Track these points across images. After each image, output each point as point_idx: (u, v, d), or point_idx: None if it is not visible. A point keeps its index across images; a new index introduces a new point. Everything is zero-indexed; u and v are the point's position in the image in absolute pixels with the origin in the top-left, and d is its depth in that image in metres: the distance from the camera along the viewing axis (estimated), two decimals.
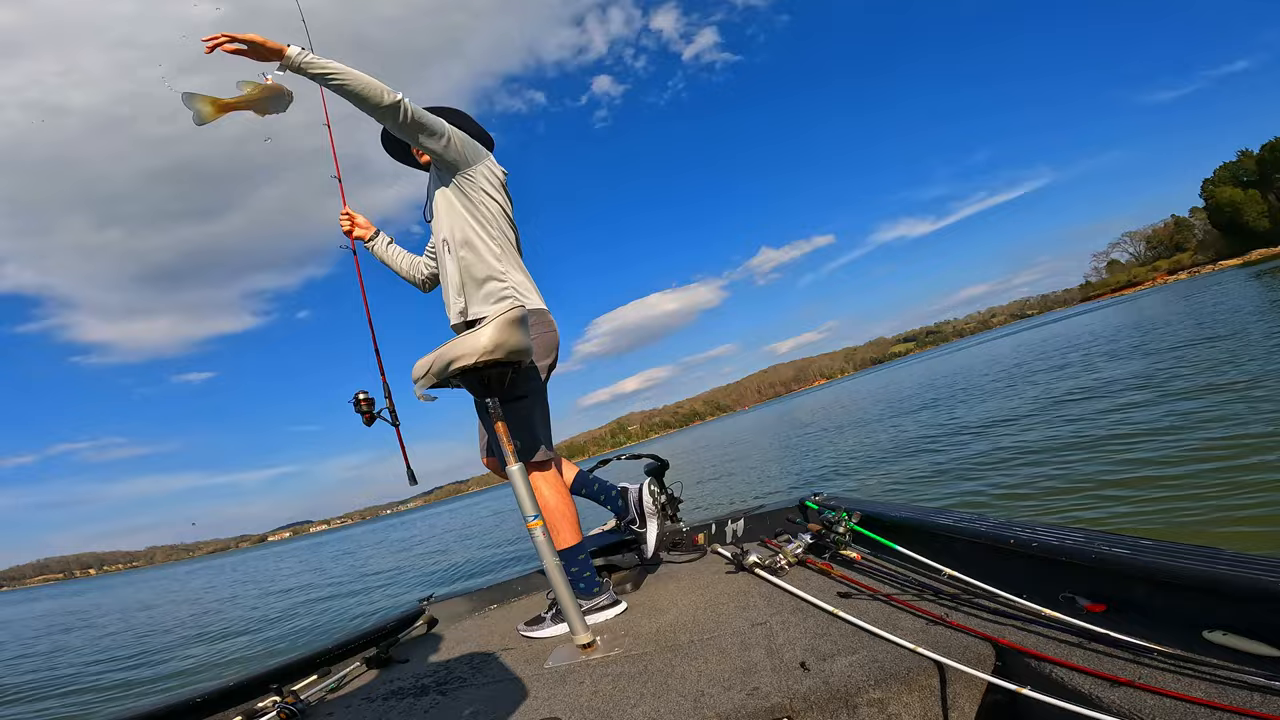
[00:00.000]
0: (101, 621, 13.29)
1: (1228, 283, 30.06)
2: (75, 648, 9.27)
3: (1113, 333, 16.82)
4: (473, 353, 1.62)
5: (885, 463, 7.45)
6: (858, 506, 1.96)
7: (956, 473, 5.84)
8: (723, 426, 74.01)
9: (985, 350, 33.76)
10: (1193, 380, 6.69)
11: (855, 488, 6.71)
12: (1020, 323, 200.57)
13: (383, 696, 1.69)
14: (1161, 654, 0.93)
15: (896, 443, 8.80)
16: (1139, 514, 3.47)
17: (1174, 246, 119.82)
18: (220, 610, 11.52)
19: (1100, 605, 1.14)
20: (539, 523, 1.66)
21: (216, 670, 6.01)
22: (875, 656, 1.17)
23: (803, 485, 7.90)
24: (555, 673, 1.55)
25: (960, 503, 4.81)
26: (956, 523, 1.54)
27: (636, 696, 1.28)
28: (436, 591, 2.68)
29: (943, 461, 6.52)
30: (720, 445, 23.64)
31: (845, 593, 1.55)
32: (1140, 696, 0.85)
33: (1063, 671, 0.96)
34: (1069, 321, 39.66)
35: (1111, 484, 4.08)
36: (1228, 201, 74.23)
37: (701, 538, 2.41)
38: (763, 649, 1.35)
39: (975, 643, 1.13)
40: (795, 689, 1.12)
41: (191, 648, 7.49)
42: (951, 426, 8.62)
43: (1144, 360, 9.38)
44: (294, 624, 7.94)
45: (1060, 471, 4.76)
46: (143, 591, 25.79)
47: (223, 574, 27.44)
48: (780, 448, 14.21)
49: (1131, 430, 5.28)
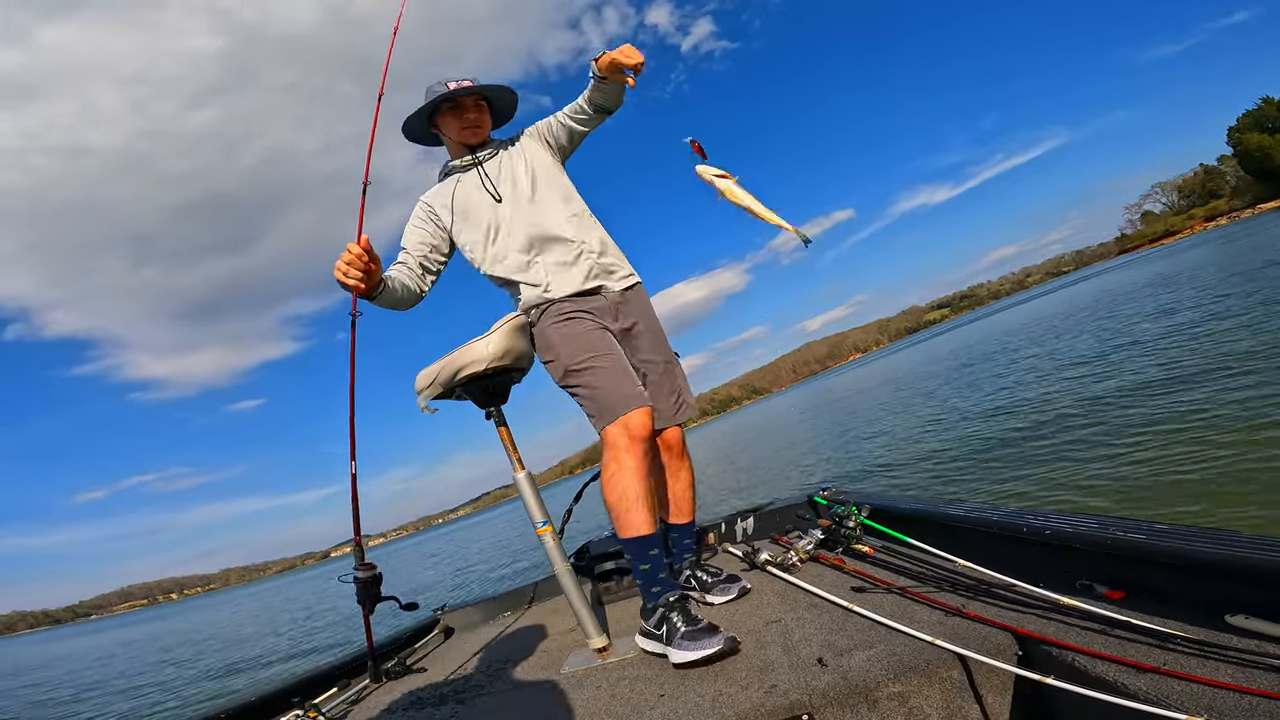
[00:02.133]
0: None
1: (1272, 225, 29.30)
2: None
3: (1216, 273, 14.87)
4: (482, 359, 1.62)
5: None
6: (867, 500, 1.95)
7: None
8: (759, 410, 71.32)
9: (1046, 307, 30.17)
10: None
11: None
12: (1058, 280, 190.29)
13: (402, 708, 1.69)
14: (1184, 639, 0.92)
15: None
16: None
17: (1208, 194, 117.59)
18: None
19: (1119, 592, 1.12)
20: (548, 529, 1.65)
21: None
22: (894, 650, 1.16)
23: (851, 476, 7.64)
24: (572, 677, 1.54)
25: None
26: (968, 513, 1.53)
27: (655, 698, 1.27)
28: (449, 601, 2.68)
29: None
30: (754, 433, 22.59)
31: (859, 587, 1.54)
32: (1166, 682, 0.84)
33: (1086, 660, 0.95)
34: (1120, 274, 35.65)
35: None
36: (1257, 147, 73.59)
37: (712, 537, 2.40)
38: (779, 646, 1.34)
39: (995, 633, 1.12)
40: (814, 685, 1.12)
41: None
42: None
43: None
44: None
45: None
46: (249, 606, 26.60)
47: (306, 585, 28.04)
48: (829, 431, 13.55)
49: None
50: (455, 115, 1.80)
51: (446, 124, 1.82)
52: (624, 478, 1.55)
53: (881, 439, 9.41)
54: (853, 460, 8.71)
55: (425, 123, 1.85)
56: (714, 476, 12.54)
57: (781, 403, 59.03)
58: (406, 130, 1.87)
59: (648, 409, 1.61)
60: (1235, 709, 0.76)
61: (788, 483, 9.21)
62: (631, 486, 1.54)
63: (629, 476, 1.55)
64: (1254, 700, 0.77)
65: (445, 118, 1.81)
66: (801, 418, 20.38)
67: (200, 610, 39.00)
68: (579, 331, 1.68)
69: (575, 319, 1.70)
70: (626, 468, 1.55)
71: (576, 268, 1.75)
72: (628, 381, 1.63)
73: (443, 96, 1.76)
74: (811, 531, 1.95)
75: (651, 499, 1.58)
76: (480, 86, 1.79)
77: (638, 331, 1.83)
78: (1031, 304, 46.33)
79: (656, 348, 1.86)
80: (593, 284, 1.76)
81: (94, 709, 7.95)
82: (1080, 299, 24.19)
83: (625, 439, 1.56)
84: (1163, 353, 7.31)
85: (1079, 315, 16.33)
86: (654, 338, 1.87)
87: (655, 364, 1.84)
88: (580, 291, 1.74)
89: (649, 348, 1.85)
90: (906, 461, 7.21)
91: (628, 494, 1.54)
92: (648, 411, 1.60)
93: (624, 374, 1.64)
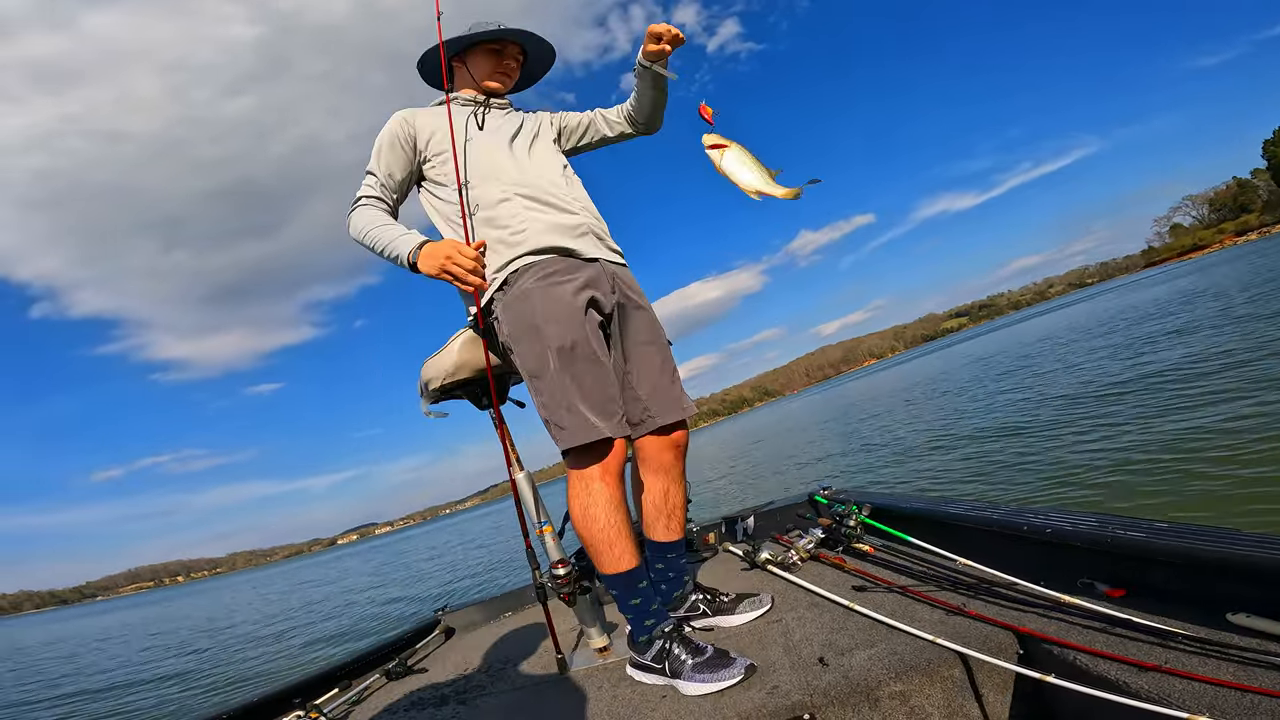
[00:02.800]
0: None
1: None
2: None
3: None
4: (439, 375, 1.63)
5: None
6: (867, 499, 1.95)
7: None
8: (770, 412, 69.70)
9: (1062, 320, 29.32)
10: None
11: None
12: (1080, 292, 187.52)
13: (404, 708, 1.69)
14: (1186, 638, 0.92)
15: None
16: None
17: (1238, 208, 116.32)
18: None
19: (1120, 590, 1.13)
20: (549, 529, 1.65)
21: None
22: (894, 649, 1.16)
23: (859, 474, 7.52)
24: (574, 678, 1.54)
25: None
26: (968, 511, 1.53)
27: (656, 698, 1.27)
28: (451, 601, 2.69)
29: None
30: (766, 434, 22.04)
31: (860, 586, 1.54)
32: (1168, 681, 0.84)
33: (1087, 658, 0.95)
34: (1141, 289, 34.10)
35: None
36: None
37: (712, 536, 2.40)
38: (780, 646, 1.34)
39: (996, 632, 1.12)
40: (815, 685, 1.11)
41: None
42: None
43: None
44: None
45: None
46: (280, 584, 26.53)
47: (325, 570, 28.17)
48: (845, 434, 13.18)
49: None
50: (494, 57, 1.68)
51: (477, 63, 1.68)
52: (598, 509, 1.37)
53: (890, 446, 9.22)
54: (863, 459, 8.62)
55: (449, 57, 1.69)
56: (723, 475, 12.47)
57: (793, 406, 58.06)
58: (426, 59, 1.68)
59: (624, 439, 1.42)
60: (1237, 707, 0.76)
61: (796, 480, 9.13)
62: (611, 519, 1.37)
63: (605, 507, 1.37)
64: (1256, 698, 0.77)
65: (479, 56, 1.69)
66: (814, 423, 19.95)
67: (208, 594, 38.88)
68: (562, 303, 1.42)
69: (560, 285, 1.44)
70: (601, 498, 1.37)
71: (567, 226, 1.53)
72: (609, 391, 1.41)
73: (493, 33, 1.65)
74: (812, 530, 1.95)
75: (632, 526, 1.42)
76: (528, 35, 1.68)
77: (633, 311, 1.56)
78: (1053, 315, 45.06)
79: (655, 327, 1.61)
80: (584, 246, 1.52)
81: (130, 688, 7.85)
82: (1100, 312, 23.66)
83: (599, 467, 1.38)
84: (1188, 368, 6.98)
85: (1095, 330, 15.88)
86: (651, 316, 1.61)
87: (655, 345, 1.58)
88: (566, 249, 1.49)
89: (649, 327, 1.58)
90: (922, 457, 7.09)
91: (609, 528, 1.37)
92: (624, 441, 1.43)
93: (609, 381, 1.42)
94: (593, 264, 1.51)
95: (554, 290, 1.41)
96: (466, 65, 1.70)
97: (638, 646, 1.40)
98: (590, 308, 1.44)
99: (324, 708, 1.78)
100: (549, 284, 1.42)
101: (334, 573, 24.87)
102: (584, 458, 1.38)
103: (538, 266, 1.44)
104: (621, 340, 1.54)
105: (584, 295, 1.43)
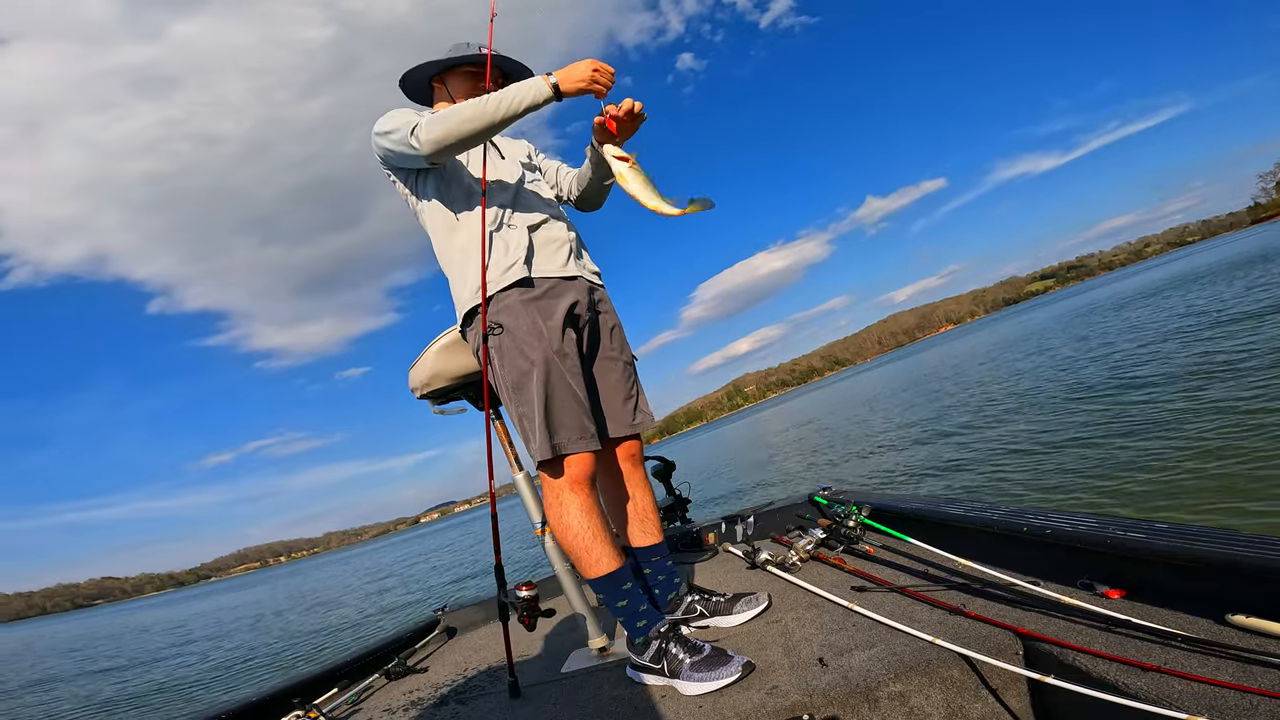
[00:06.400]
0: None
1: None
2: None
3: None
4: (418, 385, 1.68)
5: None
6: (867, 500, 1.95)
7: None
8: (845, 383, 62.46)
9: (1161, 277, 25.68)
10: None
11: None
12: (1180, 250, 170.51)
13: (403, 708, 1.69)
14: (1185, 638, 0.92)
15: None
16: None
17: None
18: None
19: (1119, 591, 1.12)
20: (548, 529, 1.65)
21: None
22: (894, 650, 1.16)
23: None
24: (573, 678, 1.54)
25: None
26: (968, 512, 1.53)
27: (656, 699, 1.27)
28: (449, 602, 2.68)
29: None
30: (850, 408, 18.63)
31: (860, 586, 1.54)
32: (1168, 681, 0.84)
33: (1087, 659, 0.95)
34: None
35: None
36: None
37: (712, 537, 2.40)
38: (779, 646, 1.34)
39: (996, 632, 1.12)
40: (814, 685, 1.11)
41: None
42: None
43: None
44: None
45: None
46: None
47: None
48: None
49: None
50: (472, 79, 1.71)
51: (457, 84, 1.72)
52: (570, 517, 1.44)
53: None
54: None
55: (429, 78, 1.73)
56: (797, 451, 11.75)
57: (867, 377, 51.48)
58: (408, 79, 1.72)
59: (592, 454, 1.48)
60: (1237, 708, 0.76)
61: (853, 470, 8.05)
62: (584, 524, 1.43)
63: (577, 514, 1.44)
64: (1255, 699, 0.76)
65: (458, 78, 1.72)
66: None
67: (318, 568, 38.59)
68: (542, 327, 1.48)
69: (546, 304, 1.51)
70: (572, 506, 1.44)
71: (554, 243, 1.59)
72: (582, 406, 1.47)
73: (471, 57, 1.67)
74: (812, 531, 1.95)
75: (609, 530, 1.48)
76: (505, 59, 1.69)
77: (605, 323, 1.65)
78: (1150, 272, 40.42)
79: (622, 345, 1.69)
80: (568, 264, 1.58)
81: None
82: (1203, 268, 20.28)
83: (568, 478, 1.44)
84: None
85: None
86: (620, 333, 1.70)
87: (617, 363, 1.66)
88: (550, 268, 1.55)
89: (616, 343, 1.67)
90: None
91: (583, 534, 1.43)
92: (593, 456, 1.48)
93: (580, 397, 1.48)
94: (574, 281, 1.58)
95: (538, 307, 1.49)
96: (446, 85, 1.75)
97: (636, 647, 1.43)
98: (568, 326, 1.52)
99: (323, 708, 1.78)
100: (533, 301, 1.50)
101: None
102: (555, 469, 1.45)
103: (524, 284, 1.51)
104: (591, 355, 1.62)
105: (565, 313, 1.51)
